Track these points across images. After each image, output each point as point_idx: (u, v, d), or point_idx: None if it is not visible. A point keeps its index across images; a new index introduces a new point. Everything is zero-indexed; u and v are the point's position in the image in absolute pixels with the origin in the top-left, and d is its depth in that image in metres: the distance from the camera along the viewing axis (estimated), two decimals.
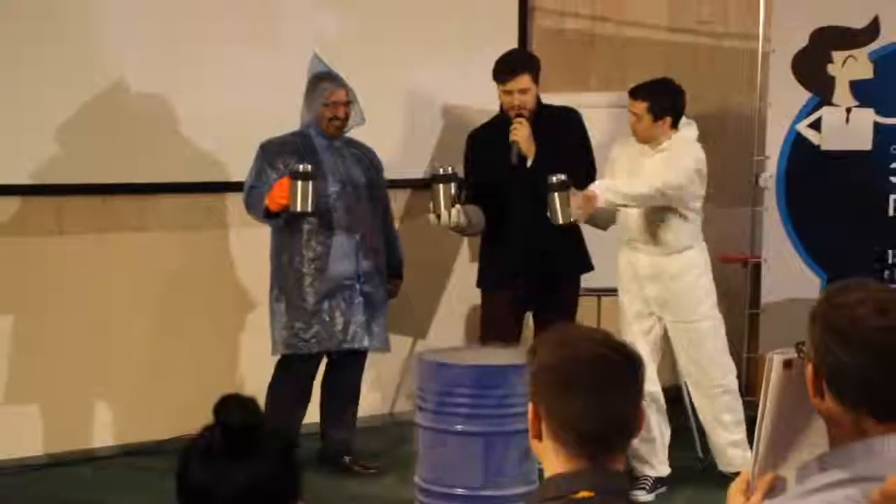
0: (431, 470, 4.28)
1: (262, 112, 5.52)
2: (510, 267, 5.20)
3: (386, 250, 5.44)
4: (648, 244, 5.13)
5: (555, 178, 4.88)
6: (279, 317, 5.23)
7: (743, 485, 1.96)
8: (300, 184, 4.93)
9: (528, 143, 5.07)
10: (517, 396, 3.96)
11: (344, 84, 5.19)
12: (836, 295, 1.87)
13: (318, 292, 5.17)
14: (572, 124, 5.26)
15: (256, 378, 5.61)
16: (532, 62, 5.26)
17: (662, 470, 5.24)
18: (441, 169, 5.06)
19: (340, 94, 5.17)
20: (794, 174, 5.89)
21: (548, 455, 1.94)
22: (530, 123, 5.10)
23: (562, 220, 4.92)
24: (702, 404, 5.26)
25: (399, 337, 6.29)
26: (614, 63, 6.78)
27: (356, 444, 5.51)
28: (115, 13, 5.56)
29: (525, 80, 5.12)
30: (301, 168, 4.95)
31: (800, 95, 5.89)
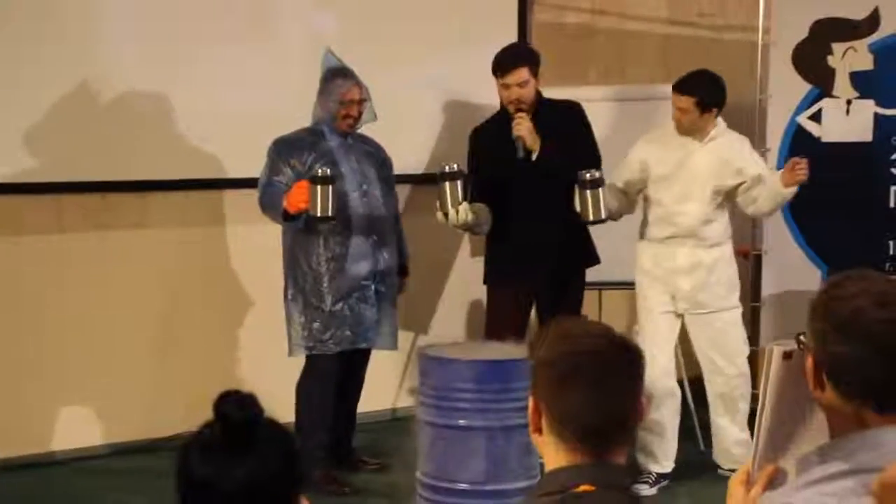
0: (434, 465, 4.28)
1: (262, 109, 5.52)
2: (516, 262, 5.20)
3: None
4: (696, 237, 5.13)
5: (588, 175, 4.91)
6: (296, 317, 5.15)
7: (743, 476, 1.96)
8: (320, 188, 4.87)
9: (533, 137, 5.06)
10: (519, 391, 3.97)
11: (359, 81, 5.15)
12: (837, 286, 1.86)
13: (337, 293, 5.11)
14: (574, 116, 5.25)
15: (257, 374, 5.62)
16: (530, 55, 5.26)
17: (667, 465, 5.24)
18: (447, 167, 5.04)
19: (355, 92, 5.13)
20: None
21: (548, 449, 1.93)
22: (531, 117, 5.09)
23: (592, 218, 4.94)
24: (720, 393, 5.23)
25: (401, 332, 6.27)
26: (614, 57, 6.78)
27: (356, 439, 5.52)
28: (115, 12, 5.56)
29: (523, 74, 5.11)
30: (321, 172, 4.90)
31: (800, 87, 5.88)
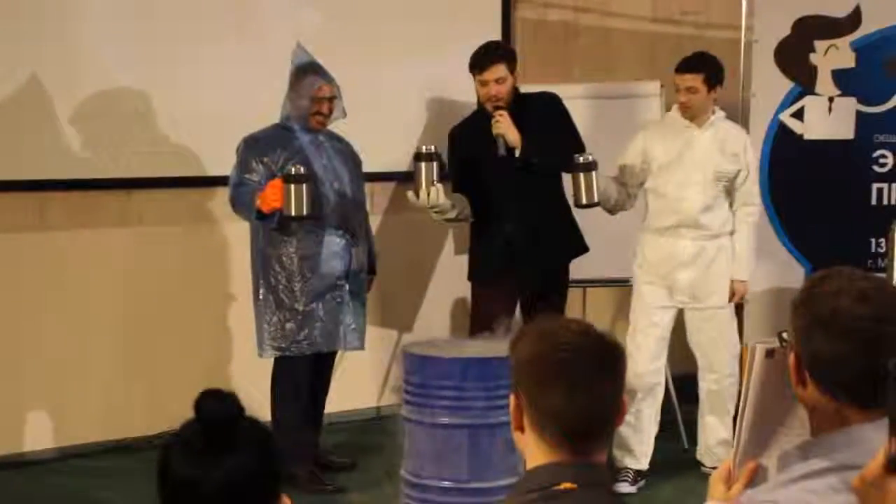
0: (417, 463, 4.27)
1: (244, 107, 5.49)
2: (500, 259, 5.20)
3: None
4: (698, 227, 5.13)
5: (581, 158, 4.95)
6: (268, 317, 5.08)
7: (724, 473, 1.97)
8: (294, 187, 4.83)
9: (513, 134, 5.06)
10: (502, 388, 3.96)
11: (331, 79, 5.12)
12: (817, 284, 1.87)
13: (310, 293, 5.05)
14: (553, 107, 5.24)
15: (242, 374, 5.62)
16: (506, 52, 5.26)
17: (644, 462, 5.24)
18: (424, 147, 5.05)
19: (326, 90, 5.09)
20: (778, 164, 5.90)
21: (529, 447, 1.93)
22: (510, 114, 5.09)
23: (585, 201, 4.97)
24: (711, 390, 5.24)
25: (385, 330, 6.29)
26: (598, 54, 6.78)
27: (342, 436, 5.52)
28: (99, 10, 5.54)
29: (500, 70, 5.11)
30: (294, 171, 4.86)
31: (783, 85, 5.90)
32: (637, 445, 5.20)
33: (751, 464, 1.95)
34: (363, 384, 6.22)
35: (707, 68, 5.10)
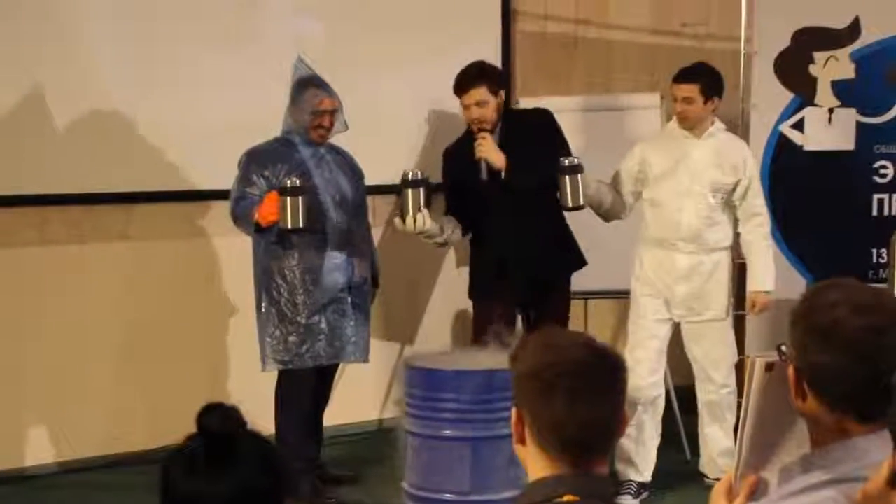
0: (419, 475, 4.27)
1: (246, 121, 5.50)
2: (497, 277, 5.17)
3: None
4: (695, 243, 5.12)
5: (566, 161, 4.90)
6: (270, 331, 5.06)
7: (726, 487, 1.96)
8: (289, 199, 4.82)
9: (497, 156, 5.01)
10: (504, 401, 3.96)
11: (332, 92, 5.11)
12: (816, 295, 1.87)
13: (313, 306, 5.04)
14: (543, 124, 5.19)
15: (243, 387, 5.60)
16: (486, 73, 5.15)
17: (647, 475, 5.23)
18: (410, 174, 5.01)
19: (328, 103, 5.09)
20: (778, 175, 5.90)
21: (531, 459, 1.93)
22: (500, 133, 5.06)
23: (571, 204, 4.93)
24: (710, 400, 5.23)
25: (387, 343, 6.29)
26: (597, 66, 6.79)
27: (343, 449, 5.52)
28: (98, 25, 5.55)
29: (480, 93, 5.05)
30: (289, 183, 4.85)
31: (783, 96, 5.91)
32: (639, 458, 5.19)
33: (752, 477, 1.95)
34: (365, 397, 6.21)
35: (703, 78, 5.10)
